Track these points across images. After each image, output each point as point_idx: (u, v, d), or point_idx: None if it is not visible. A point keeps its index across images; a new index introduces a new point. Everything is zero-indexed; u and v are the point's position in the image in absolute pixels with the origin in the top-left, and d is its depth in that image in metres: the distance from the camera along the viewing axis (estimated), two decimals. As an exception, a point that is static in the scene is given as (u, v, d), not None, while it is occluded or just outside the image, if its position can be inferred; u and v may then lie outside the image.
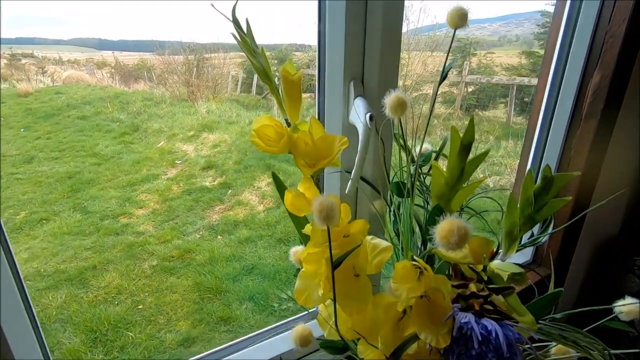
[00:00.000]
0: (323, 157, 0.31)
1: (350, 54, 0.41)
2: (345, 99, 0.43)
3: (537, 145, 0.74)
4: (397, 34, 0.41)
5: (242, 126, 4.86)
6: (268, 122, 0.31)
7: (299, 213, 0.32)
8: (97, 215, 3.04)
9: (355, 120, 0.42)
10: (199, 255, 2.53)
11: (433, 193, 0.30)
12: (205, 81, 7.25)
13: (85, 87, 8.58)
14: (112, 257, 2.52)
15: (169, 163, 4.06)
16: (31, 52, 17.90)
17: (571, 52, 0.68)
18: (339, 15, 0.40)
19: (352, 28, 0.40)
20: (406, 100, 0.31)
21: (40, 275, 2.35)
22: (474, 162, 0.28)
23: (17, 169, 3.99)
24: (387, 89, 0.45)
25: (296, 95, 0.32)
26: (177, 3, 16.17)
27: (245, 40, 0.30)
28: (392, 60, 0.42)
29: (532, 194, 0.29)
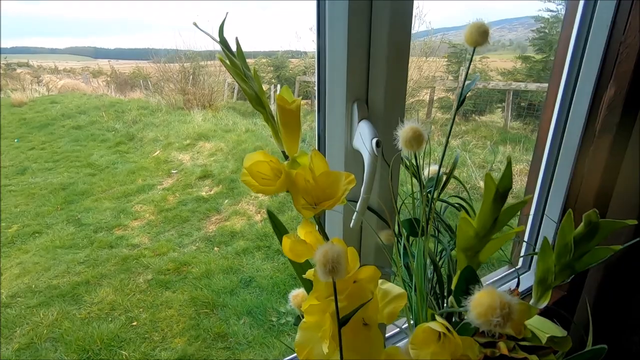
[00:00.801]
0: (326, 197, 0.27)
1: (353, 73, 0.38)
2: (348, 122, 0.39)
3: (547, 161, 0.71)
4: (404, 51, 0.38)
5: (238, 134, 4.82)
6: (262, 157, 0.27)
7: (299, 259, 0.28)
8: (90, 227, 2.98)
9: (360, 145, 0.38)
10: (195, 268, 2.47)
11: (459, 245, 0.26)
12: (201, 89, 7.22)
13: (80, 96, 8.54)
14: (106, 271, 2.45)
15: (165, 173, 4.01)
16: (27, 61, 17.85)
17: (583, 64, 0.65)
18: (340, 30, 0.36)
19: (354, 44, 0.37)
20: (423, 133, 0.27)
21: (31, 291, 2.29)
22: (509, 211, 0.24)
23: (10, 181, 3.93)
24: (393, 111, 0.41)
25: (294, 125, 0.28)
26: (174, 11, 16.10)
27: (234, 63, 0.27)
28: (399, 80, 0.39)
29: (571, 239, 0.25)
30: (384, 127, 0.39)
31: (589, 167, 0.67)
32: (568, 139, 0.68)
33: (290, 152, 0.29)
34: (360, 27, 0.36)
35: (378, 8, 0.35)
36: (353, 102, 0.39)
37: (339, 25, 0.36)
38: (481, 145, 4.64)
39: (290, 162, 0.29)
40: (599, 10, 0.61)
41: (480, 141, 4.75)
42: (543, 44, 5.04)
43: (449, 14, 29.61)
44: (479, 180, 3.39)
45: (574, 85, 0.66)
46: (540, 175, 0.71)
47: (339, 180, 0.27)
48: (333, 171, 0.27)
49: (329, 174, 0.27)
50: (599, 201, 0.68)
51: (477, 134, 4.86)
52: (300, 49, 9.35)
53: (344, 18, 0.35)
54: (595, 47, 0.62)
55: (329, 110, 0.41)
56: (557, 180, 0.70)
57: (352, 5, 0.34)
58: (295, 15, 18.92)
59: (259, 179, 0.26)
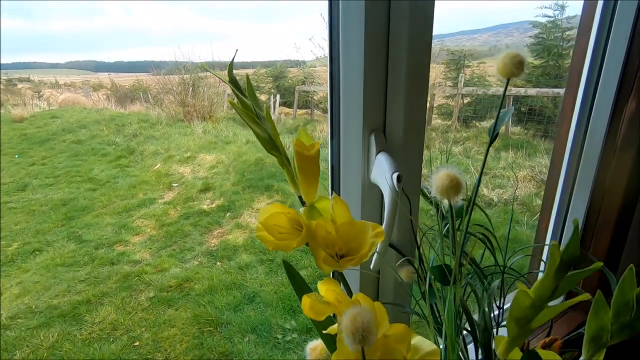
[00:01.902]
0: (350, 250, 0.24)
1: (370, 103, 0.35)
2: (365, 154, 0.37)
3: (565, 178, 0.68)
4: (424, 79, 0.35)
5: (239, 145, 4.81)
6: (279, 209, 0.24)
7: (319, 317, 0.25)
8: (91, 244, 2.94)
9: (379, 180, 0.35)
10: (197, 284, 2.43)
11: (512, 314, 0.23)
12: (201, 100, 7.24)
13: (81, 110, 8.57)
14: (107, 289, 2.41)
15: (166, 186, 3.99)
16: (28, 76, 18.03)
17: (602, 76, 0.62)
18: (356, 56, 0.34)
19: (371, 71, 0.34)
20: (460, 181, 0.25)
21: (32, 312, 2.24)
22: (572, 279, 0.21)
23: (10, 198, 3.90)
24: (413, 142, 0.39)
25: (313, 171, 0.25)
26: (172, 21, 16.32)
27: (245, 104, 0.24)
28: (418, 109, 0.36)
29: (633, 297, 0.22)
30: (403, 159, 0.37)
31: (610, 184, 0.64)
32: (587, 155, 0.65)
33: (308, 198, 0.26)
34: (377, 52, 0.34)
35: (396, 32, 0.33)
36: (370, 133, 0.36)
37: (354, 51, 0.34)
38: (482, 152, 4.62)
39: (308, 209, 0.26)
40: (617, 21, 0.59)
41: (482, 147, 4.73)
42: (541, 50, 5.05)
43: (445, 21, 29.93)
44: (482, 187, 3.36)
45: (592, 97, 0.63)
46: (558, 192, 0.68)
47: (364, 231, 0.24)
48: (358, 221, 0.24)
49: (352, 224, 0.24)
50: (622, 220, 0.65)
51: (479, 141, 4.85)
52: (299, 58, 9.39)
53: (359, 43, 0.33)
54: (614, 58, 0.60)
55: (344, 141, 0.38)
56: (577, 195, 0.67)
57: (368, 29, 0.32)
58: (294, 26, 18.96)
59: (276, 233, 0.24)
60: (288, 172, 0.26)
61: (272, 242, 0.24)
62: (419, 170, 0.39)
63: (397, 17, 0.33)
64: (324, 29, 5.44)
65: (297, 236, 0.23)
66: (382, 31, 0.33)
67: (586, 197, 0.66)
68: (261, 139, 0.26)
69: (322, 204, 0.26)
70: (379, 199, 0.38)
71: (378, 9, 0.32)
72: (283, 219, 0.24)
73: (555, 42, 4.88)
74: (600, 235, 0.67)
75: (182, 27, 42.70)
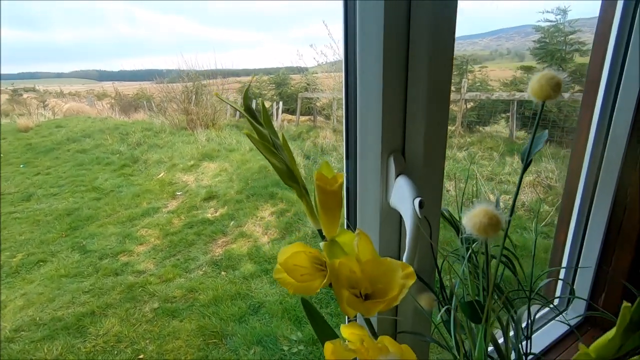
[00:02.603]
0: (377, 291, 0.22)
1: (388, 123, 0.33)
2: (383, 176, 0.35)
3: (584, 188, 0.65)
4: (445, 96, 0.33)
5: (242, 153, 4.81)
6: (299, 248, 0.22)
7: (343, 362, 0.24)
8: (96, 254, 2.93)
9: (399, 204, 0.33)
10: (202, 295, 2.40)
11: None
12: (204, 108, 7.27)
13: (85, 120, 8.64)
14: (112, 300, 2.39)
15: (170, 195, 3.98)
16: (33, 86, 18.27)
17: (622, 83, 0.60)
18: (374, 76, 0.32)
19: (390, 91, 0.32)
20: (500, 218, 0.23)
21: (35, 324, 2.23)
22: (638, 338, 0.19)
23: (15, 208, 3.91)
24: (433, 164, 0.37)
25: (335, 205, 0.24)
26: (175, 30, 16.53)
27: (262, 134, 0.22)
28: (439, 129, 0.34)
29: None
30: (423, 181, 0.35)
31: (632, 196, 0.62)
32: (607, 166, 0.63)
33: (329, 233, 0.24)
34: (396, 69, 0.32)
35: (416, 47, 0.31)
36: (389, 155, 0.35)
37: (372, 69, 0.32)
38: (487, 157, 4.59)
39: (329, 245, 0.24)
40: (637, 31, 0.57)
41: (487, 152, 4.70)
42: (544, 54, 5.03)
43: (446, 26, 29.96)
44: (489, 193, 3.33)
45: (612, 106, 0.61)
46: (577, 205, 0.66)
47: (392, 271, 0.22)
48: (385, 259, 0.23)
49: (379, 262, 0.23)
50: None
51: (483, 145, 4.82)
52: (302, 65, 9.42)
53: (377, 60, 0.31)
54: (635, 65, 0.58)
55: (361, 162, 0.36)
56: (596, 210, 0.65)
57: (387, 45, 0.30)
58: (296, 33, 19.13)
59: (297, 274, 0.22)
60: (307, 204, 0.25)
61: (292, 285, 0.22)
62: (439, 192, 0.37)
63: (418, 33, 0.31)
64: (326, 36, 5.44)
65: (318, 276, 0.21)
66: (402, 47, 0.32)
67: (606, 211, 0.64)
68: (278, 170, 0.24)
69: (343, 238, 0.24)
70: (397, 223, 0.36)
71: (397, 24, 0.31)
72: (303, 258, 0.22)
73: (558, 46, 4.87)
74: (622, 251, 0.64)
75: (185, 36, 43.32)
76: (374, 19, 0.31)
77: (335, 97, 6.70)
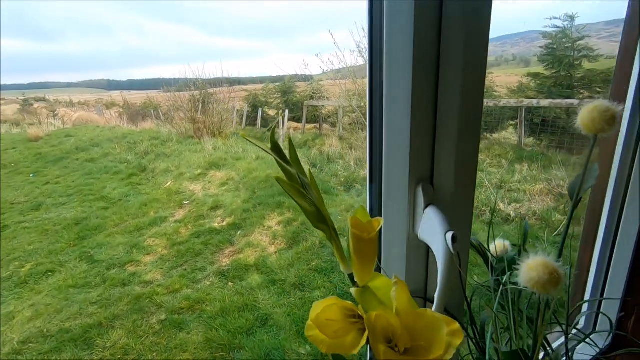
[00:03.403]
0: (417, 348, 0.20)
1: (417, 151, 0.31)
2: (410, 206, 0.33)
3: (611, 207, 0.62)
4: (477, 121, 0.32)
5: (249, 162, 4.81)
6: (332, 301, 0.21)
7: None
8: (103, 264, 2.93)
9: (429, 237, 0.32)
10: (209, 306, 2.38)
11: None
12: (211, 117, 7.32)
13: (94, 129, 8.75)
14: (119, 311, 2.38)
15: (177, 204, 3.99)
16: (43, 96, 18.64)
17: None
18: (403, 99, 0.30)
19: (420, 116, 0.31)
20: (562, 274, 0.21)
21: (43, 336, 2.22)
22: None
23: (24, 217, 3.95)
24: (464, 194, 0.35)
25: (372, 252, 0.22)
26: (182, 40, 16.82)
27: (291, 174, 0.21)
28: (470, 157, 0.32)
29: None
30: (453, 212, 0.33)
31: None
32: (637, 180, 0.59)
33: (362, 280, 0.22)
34: (426, 93, 0.30)
35: (447, 68, 0.30)
36: (417, 184, 0.33)
37: (400, 91, 0.30)
38: (496, 164, 4.54)
39: (361, 292, 0.22)
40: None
41: (495, 160, 4.65)
42: (552, 60, 5.00)
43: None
44: (499, 202, 3.28)
45: None
46: (604, 221, 0.63)
47: (436, 327, 0.20)
48: (426, 311, 0.21)
49: (420, 315, 0.21)
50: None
51: (491, 153, 4.77)
52: (307, 72, 9.46)
53: (406, 81, 0.29)
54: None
55: (387, 191, 0.34)
56: (624, 228, 0.62)
57: (416, 69, 0.29)
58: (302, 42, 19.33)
59: (330, 331, 0.20)
60: (337, 247, 0.23)
61: (325, 343, 0.20)
62: (469, 223, 0.35)
63: (449, 53, 0.29)
64: (332, 45, 5.45)
65: (352, 329, 0.20)
66: (431, 71, 0.30)
67: (636, 229, 0.61)
68: (307, 213, 0.22)
69: (376, 283, 0.22)
70: (424, 255, 0.34)
71: (427, 44, 0.29)
72: (336, 311, 0.20)
73: (566, 52, 4.83)
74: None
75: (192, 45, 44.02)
76: (403, 38, 0.29)
77: (341, 105, 6.71)
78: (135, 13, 69.09)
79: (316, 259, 2.78)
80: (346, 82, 6.14)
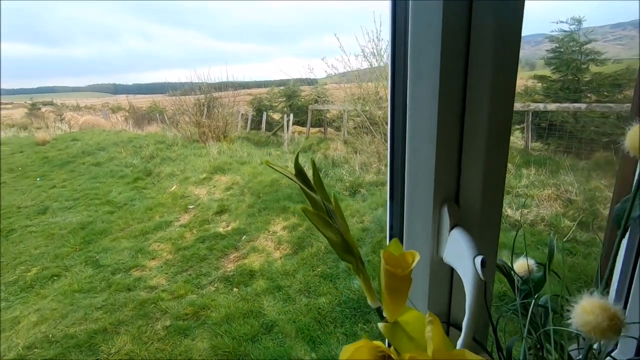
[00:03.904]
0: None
1: (442, 169, 0.30)
2: (435, 227, 0.31)
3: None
4: (506, 136, 0.30)
5: (253, 166, 4.81)
6: (364, 343, 0.19)
7: None
8: (108, 269, 2.93)
9: (455, 261, 0.30)
10: (214, 312, 2.36)
11: None
12: (216, 121, 7.35)
13: (100, 133, 8.82)
14: (124, 317, 2.37)
15: (182, 208, 3.99)
16: (51, 99, 18.93)
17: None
18: (429, 114, 0.29)
19: (446, 132, 0.29)
20: (623, 319, 0.19)
21: (48, 341, 2.22)
22: None
23: (31, 221, 3.97)
24: (490, 214, 0.33)
25: (405, 288, 0.20)
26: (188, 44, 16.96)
27: (316, 202, 0.19)
28: (498, 175, 0.31)
29: None
30: (479, 234, 0.31)
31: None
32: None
33: (391, 315, 0.21)
34: (453, 106, 0.28)
35: (476, 80, 0.28)
36: (442, 203, 0.31)
37: (426, 105, 0.28)
38: (503, 169, 4.49)
39: (391, 328, 0.21)
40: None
41: (501, 164, 4.61)
42: (559, 63, 4.96)
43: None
44: (506, 207, 3.24)
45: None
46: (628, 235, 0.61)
47: (475, 372, 0.19)
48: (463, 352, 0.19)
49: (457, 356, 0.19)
50: None
51: (498, 157, 4.72)
52: (312, 76, 9.50)
53: (432, 95, 0.27)
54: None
55: (410, 209, 0.32)
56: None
57: (443, 83, 0.27)
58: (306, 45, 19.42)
59: (360, 376, 0.18)
60: (364, 279, 0.21)
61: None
62: (495, 244, 0.33)
63: (478, 56, 0.28)
64: (337, 49, 5.44)
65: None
66: (459, 76, 0.28)
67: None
68: (333, 244, 0.21)
69: (406, 317, 0.21)
70: (448, 278, 0.32)
71: (455, 49, 0.27)
72: (366, 353, 0.19)
73: (573, 55, 4.79)
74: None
75: (198, 49, 44.26)
76: (430, 51, 0.28)
77: (345, 109, 6.70)
78: (141, 18, 69.95)
79: (321, 265, 2.76)
80: (351, 85, 6.13)
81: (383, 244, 2.88)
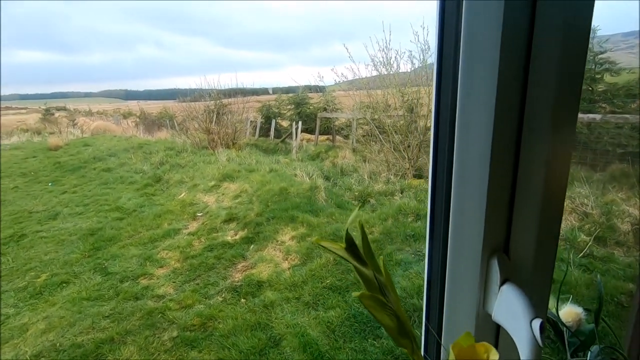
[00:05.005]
0: None
1: (493, 214, 0.26)
2: (482, 280, 0.28)
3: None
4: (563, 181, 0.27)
5: (262, 174, 4.80)
6: None
7: None
8: (117, 276, 2.93)
9: (507, 321, 0.27)
10: (221, 324, 2.33)
11: None
12: (225, 127, 7.39)
13: (111, 138, 8.93)
14: (131, 326, 2.36)
15: (190, 216, 3.99)
16: (64, 105, 19.33)
17: None
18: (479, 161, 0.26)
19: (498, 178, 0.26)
20: None
21: (55, 350, 2.21)
22: None
23: (42, 227, 4.00)
24: (543, 268, 0.30)
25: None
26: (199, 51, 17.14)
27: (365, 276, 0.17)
28: (553, 226, 0.28)
29: None
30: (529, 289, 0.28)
31: None
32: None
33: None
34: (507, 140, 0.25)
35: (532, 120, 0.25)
36: (492, 255, 0.28)
37: (476, 152, 0.25)
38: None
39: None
40: None
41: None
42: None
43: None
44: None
45: None
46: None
47: None
48: None
49: None
50: None
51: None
52: (320, 83, 9.52)
53: (485, 141, 0.24)
54: None
55: (454, 259, 0.29)
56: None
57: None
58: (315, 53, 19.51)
59: None
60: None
61: None
62: (546, 300, 0.30)
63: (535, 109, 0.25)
64: (345, 57, 5.43)
65: None
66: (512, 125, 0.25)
67: None
68: (388, 329, 0.18)
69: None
70: (494, 335, 0.29)
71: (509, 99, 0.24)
72: None
73: (588, 65, 4.72)
74: None
75: (208, 57, 44.89)
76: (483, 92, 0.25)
77: (354, 117, 6.69)
78: (154, 27, 71.47)
79: (330, 277, 2.72)
80: (360, 93, 6.12)
81: (392, 257, 2.83)
